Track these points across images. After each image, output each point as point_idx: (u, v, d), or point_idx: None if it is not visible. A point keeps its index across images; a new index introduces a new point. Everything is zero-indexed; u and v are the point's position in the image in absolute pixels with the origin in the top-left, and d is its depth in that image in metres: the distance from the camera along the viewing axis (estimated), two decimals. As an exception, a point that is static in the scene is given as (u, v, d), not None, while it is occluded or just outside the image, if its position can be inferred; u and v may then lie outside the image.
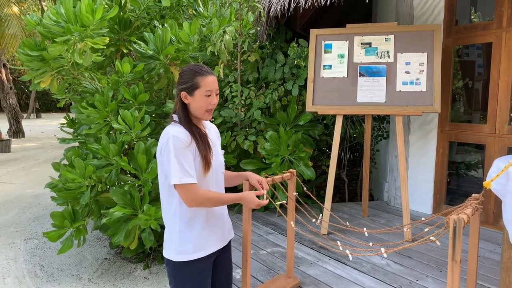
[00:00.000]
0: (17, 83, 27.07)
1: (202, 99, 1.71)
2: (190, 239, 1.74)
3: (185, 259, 1.73)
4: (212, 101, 1.72)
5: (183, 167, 1.65)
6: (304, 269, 3.02)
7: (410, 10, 4.43)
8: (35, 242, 4.76)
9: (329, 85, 3.92)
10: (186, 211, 1.75)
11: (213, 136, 1.89)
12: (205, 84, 1.70)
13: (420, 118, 4.43)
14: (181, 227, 1.74)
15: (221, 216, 1.87)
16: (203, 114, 1.74)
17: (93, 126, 3.88)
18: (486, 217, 3.95)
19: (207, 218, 1.78)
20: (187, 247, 1.73)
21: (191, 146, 1.70)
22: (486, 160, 3.94)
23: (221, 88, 4.69)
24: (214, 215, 1.82)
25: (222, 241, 1.86)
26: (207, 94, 1.71)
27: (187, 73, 1.73)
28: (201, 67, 1.73)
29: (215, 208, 1.82)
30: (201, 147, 1.71)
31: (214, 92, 1.73)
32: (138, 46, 4.12)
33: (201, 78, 1.71)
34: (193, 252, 1.73)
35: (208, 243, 1.78)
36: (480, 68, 4.34)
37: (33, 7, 18.73)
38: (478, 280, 2.84)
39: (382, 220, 4.18)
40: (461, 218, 1.53)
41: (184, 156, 1.66)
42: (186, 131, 1.71)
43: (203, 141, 1.73)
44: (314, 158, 5.40)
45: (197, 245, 1.74)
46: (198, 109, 1.72)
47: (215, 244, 1.82)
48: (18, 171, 9.02)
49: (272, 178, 2.44)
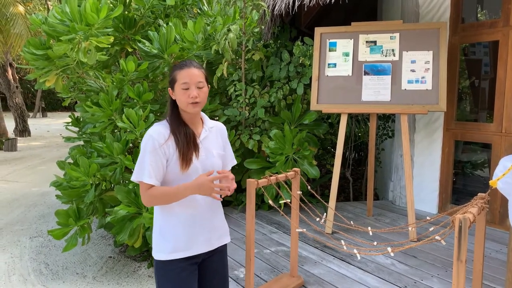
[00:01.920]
0: (23, 82, 27.24)
1: (181, 93, 1.68)
2: (168, 239, 1.72)
3: (163, 258, 1.71)
4: (190, 94, 1.67)
5: (143, 165, 1.65)
6: (308, 268, 3.01)
7: (416, 8, 4.39)
8: (40, 240, 4.78)
9: (333, 83, 3.91)
10: (166, 210, 1.73)
11: (212, 136, 1.83)
12: (181, 77, 1.68)
13: (426, 117, 4.40)
14: (161, 225, 1.74)
15: (209, 218, 1.79)
16: (187, 107, 1.69)
17: (97, 124, 3.89)
18: (492, 216, 3.92)
19: (188, 219, 1.73)
20: (165, 245, 1.72)
21: (167, 145, 1.68)
22: (492, 159, 3.91)
23: (225, 87, 4.68)
24: (199, 216, 1.75)
25: (208, 245, 1.79)
26: (183, 87, 1.67)
27: (171, 69, 1.75)
28: (183, 62, 1.72)
29: (200, 210, 1.75)
30: (180, 144, 1.68)
31: (193, 85, 1.68)
32: (142, 45, 4.13)
33: (178, 72, 1.69)
34: (171, 252, 1.71)
35: (188, 245, 1.73)
36: (486, 66, 4.30)
37: (39, 6, 18.83)
38: (484, 280, 2.82)
39: (387, 219, 4.16)
40: (467, 217, 1.52)
41: (152, 155, 1.65)
42: (165, 129, 1.70)
43: (186, 139, 1.70)
44: (318, 157, 5.39)
45: (176, 246, 1.71)
46: (181, 103, 1.70)
47: (198, 247, 1.75)
48: (24, 170, 9.08)
49: (276, 176, 2.43)
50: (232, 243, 3.54)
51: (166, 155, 1.68)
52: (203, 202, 1.76)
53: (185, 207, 1.73)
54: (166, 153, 1.68)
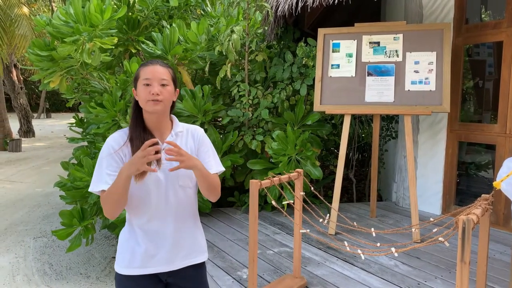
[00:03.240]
0: (28, 83, 27.38)
1: (142, 90, 1.54)
2: (125, 252, 1.60)
3: (119, 271, 1.61)
4: (151, 90, 1.51)
5: (101, 173, 1.53)
6: (311, 269, 3.00)
7: (419, 9, 4.39)
8: (44, 240, 4.80)
9: (337, 84, 3.90)
10: (128, 220, 1.63)
11: (180, 142, 1.63)
12: (144, 73, 1.55)
13: (429, 118, 4.39)
14: (121, 238, 1.65)
15: (171, 236, 1.60)
16: (146, 105, 1.53)
17: (101, 125, 3.91)
18: (496, 218, 3.90)
19: (147, 234, 1.58)
20: (122, 259, 1.60)
21: (123, 153, 1.56)
22: (496, 160, 3.89)
23: (229, 88, 4.69)
24: (158, 232, 1.59)
25: (168, 265, 1.61)
26: (145, 83, 1.53)
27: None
28: (149, 61, 1.60)
29: (161, 226, 1.59)
30: (135, 152, 1.51)
31: (156, 81, 1.53)
32: (146, 46, 4.14)
33: (141, 69, 1.57)
34: (127, 267, 1.59)
35: (144, 262, 1.58)
36: (490, 67, 4.28)
37: (43, 8, 18.92)
38: (488, 282, 2.80)
39: (391, 220, 4.15)
40: (470, 218, 1.51)
41: (107, 161, 1.53)
42: (122, 136, 1.58)
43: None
44: (322, 158, 5.38)
45: (131, 261, 1.58)
46: (142, 101, 1.55)
47: (155, 265, 1.59)
48: (28, 170, 9.12)
49: (279, 177, 2.43)
50: (235, 244, 3.54)
51: (123, 162, 1.55)
52: (164, 216, 1.59)
53: (144, 221, 1.58)
54: (123, 160, 1.56)
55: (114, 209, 1.49)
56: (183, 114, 4.23)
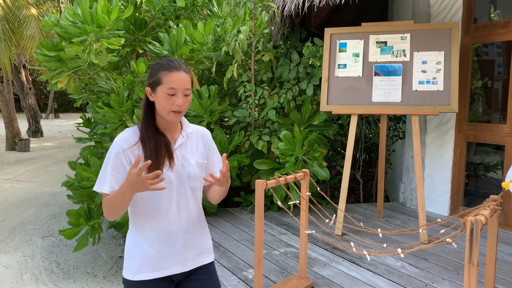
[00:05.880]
0: (36, 83, 27.62)
1: (164, 98, 1.46)
2: (135, 257, 1.55)
3: (129, 277, 1.55)
4: (176, 102, 1.46)
5: (105, 174, 1.49)
6: (317, 270, 2.99)
7: (427, 8, 4.35)
8: (52, 239, 4.83)
9: (343, 84, 3.89)
10: (135, 225, 1.58)
11: (190, 143, 1.61)
12: (169, 81, 1.45)
13: (437, 118, 4.36)
14: (129, 242, 1.59)
15: (183, 236, 1.59)
16: (167, 114, 1.48)
17: (108, 125, 3.93)
18: (505, 219, 3.86)
19: (158, 236, 1.55)
20: (132, 264, 1.56)
21: (133, 153, 1.51)
22: (505, 160, 3.85)
23: (235, 88, 4.69)
24: (170, 233, 1.56)
25: (181, 266, 1.59)
26: (169, 93, 1.45)
27: (154, 67, 1.52)
28: (170, 61, 1.50)
29: (172, 226, 1.56)
30: (149, 154, 1.48)
31: (181, 92, 1.47)
32: (153, 47, 4.15)
33: (164, 74, 1.46)
34: (137, 273, 1.54)
35: (156, 265, 1.55)
36: (499, 67, 4.24)
37: (51, 9, 19.08)
38: (496, 284, 2.77)
39: (398, 221, 4.12)
40: (479, 219, 1.49)
41: (114, 162, 1.49)
42: (133, 136, 1.52)
43: (156, 147, 1.50)
44: (328, 159, 5.37)
45: (142, 265, 1.54)
46: (161, 109, 1.49)
47: (169, 268, 1.57)
48: (36, 170, 9.19)
49: (285, 177, 2.42)
50: (241, 244, 3.54)
51: (130, 164, 1.51)
52: (176, 217, 1.57)
53: (155, 222, 1.55)
54: (131, 161, 1.51)
55: (113, 214, 1.48)
56: (190, 114, 4.23)
